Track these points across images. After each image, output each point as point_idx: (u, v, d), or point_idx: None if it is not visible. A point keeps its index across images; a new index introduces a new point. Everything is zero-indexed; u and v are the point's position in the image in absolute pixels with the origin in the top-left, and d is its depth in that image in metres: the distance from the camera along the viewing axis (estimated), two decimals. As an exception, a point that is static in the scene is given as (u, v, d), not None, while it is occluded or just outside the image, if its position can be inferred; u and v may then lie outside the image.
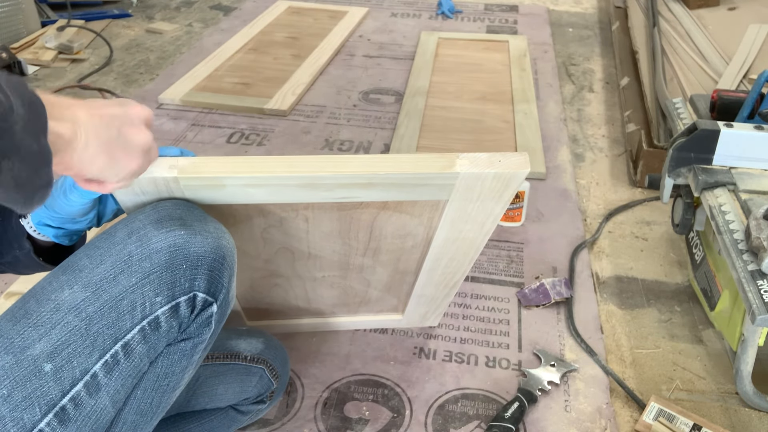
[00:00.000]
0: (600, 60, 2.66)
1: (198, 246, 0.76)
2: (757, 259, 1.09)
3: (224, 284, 0.79)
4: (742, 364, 1.15)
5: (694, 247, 1.40)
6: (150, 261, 0.74)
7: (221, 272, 0.78)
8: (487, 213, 0.91)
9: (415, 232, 0.99)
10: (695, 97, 1.51)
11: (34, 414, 0.70)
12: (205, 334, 0.81)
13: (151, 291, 0.74)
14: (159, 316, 0.75)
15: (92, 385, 0.73)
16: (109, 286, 0.73)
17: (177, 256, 0.74)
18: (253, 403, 1.07)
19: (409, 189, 0.85)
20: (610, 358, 1.30)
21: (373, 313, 1.29)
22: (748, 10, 2.60)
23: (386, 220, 0.95)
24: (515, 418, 1.13)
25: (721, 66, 2.15)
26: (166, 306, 0.75)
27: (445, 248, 1.02)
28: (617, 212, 1.73)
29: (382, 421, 1.15)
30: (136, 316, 0.74)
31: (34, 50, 2.60)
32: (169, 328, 0.76)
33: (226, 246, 0.79)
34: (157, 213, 0.77)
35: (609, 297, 1.45)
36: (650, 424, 1.13)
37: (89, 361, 0.72)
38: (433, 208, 0.92)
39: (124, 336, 0.74)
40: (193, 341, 0.80)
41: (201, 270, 0.76)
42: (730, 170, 1.29)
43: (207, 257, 0.76)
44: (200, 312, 0.78)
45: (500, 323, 1.37)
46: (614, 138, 2.10)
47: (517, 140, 1.98)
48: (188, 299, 0.76)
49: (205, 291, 0.77)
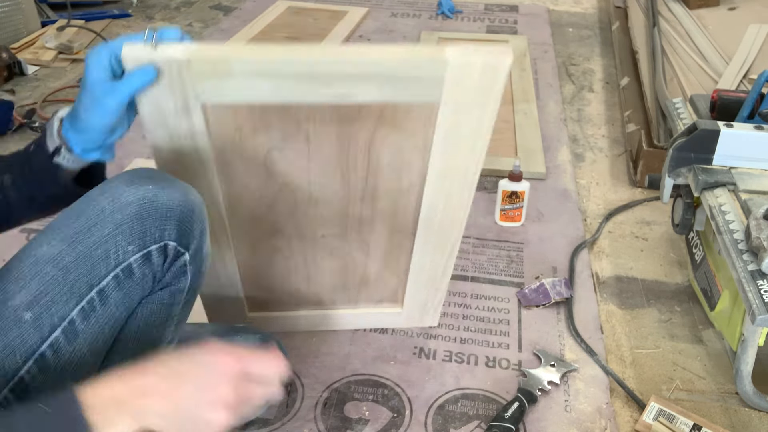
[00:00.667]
0: (600, 60, 2.66)
1: (166, 199, 0.80)
2: (757, 259, 1.09)
3: (195, 235, 0.83)
4: (742, 364, 1.15)
5: (694, 247, 1.40)
6: (121, 213, 0.77)
7: (191, 223, 0.83)
8: (477, 123, 0.94)
9: (411, 161, 1.01)
10: (695, 97, 1.51)
11: (14, 361, 0.73)
12: (181, 283, 0.85)
13: (123, 240, 0.78)
14: (132, 263, 0.79)
15: (70, 332, 0.76)
16: (84, 237, 0.77)
17: (146, 207, 0.78)
18: None
19: (403, 83, 0.88)
20: (610, 358, 1.30)
21: (373, 303, 1.29)
22: (748, 10, 2.60)
23: (383, 141, 0.98)
24: (515, 418, 1.13)
25: (721, 66, 2.15)
26: (138, 254, 0.79)
27: (438, 189, 1.04)
28: (617, 212, 1.73)
29: (382, 421, 1.15)
30: (110, 264, 0.78)
31: (34, 50, 2.60)
32: (143, 275, 0.80)
33: (194, 200, 0.84)
34: (128, 175, 0.82)
35: (609, 297, 1.46)
36: (650, 424, 1.13)
37: (67, 308, 0.76)
38: (426, 122, 0.95)
39: (99, 282, 0.78)
40: (170, 290, 0.85)
41: (171, 221, 0.80)
42: (730, 170, 1.29)
43: (175, 209, 0.80)
44: (173, 261, 0.82)
45: (500, 323, 1.37)
46: (614, 138, 2.10)
47: (517, 140, 1.98)
48: (159, 248, 0.80)
49: (176, 240, 0.81)
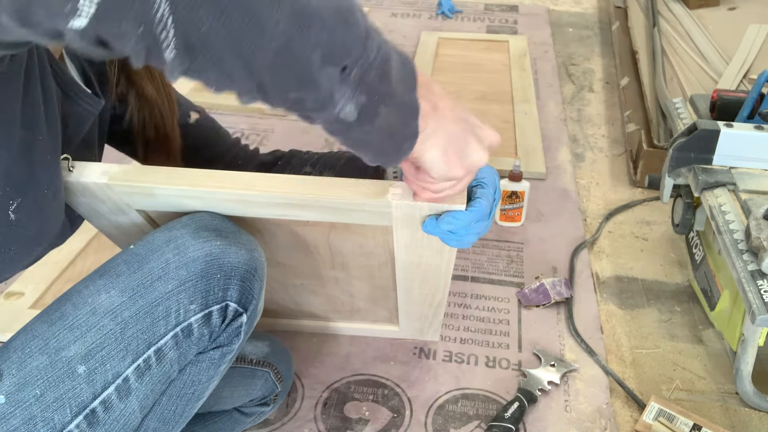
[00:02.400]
0: (600, 60, 2.66)
1: (232, 257, 0.77)
2: (757, 259, 1.09)
3: (255, 295, 0.81)
4: (742, 364, 1.15)
5: (694, 247, 1.40)
6: (186, 269, 0.75)
7: (252, 283, 0.80)
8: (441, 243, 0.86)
9: (376, 252, 0.96)
10: (695, 97, 1.51)
11: (64, 415, 0.71)
12: (234, 344, 0.82)
13: (186, 298, 0.75)
14: (192, 323, 0.76)
15: (123, 389, 0.74)
16: (146, 291, 0.74)
17: (212, 265, 0.76)
18: (256, 405, 1.07)
19: (345, 213, 0.83)
20: (610, 358, 1.30)
21: (368, 322, 1.28)
22: (748, 10, 2.60)
23: (340, 239, 0.93)
24: (515, 418, 1.13)
25: (721, 66, 2.15)
26: (199, 314, 0.76)
27: (411, 272, 0.98)
28: (617, 212, 1.73)
29: (382, 421, 1.15)
30: (170, 323, 0.75)
31: (34, 50, 2.60)
32: (201, 335, 0.77)
33: (258, 258, 0.81)
34: (194, 223, 0.79)
35: (609, 297, 1.45)
36: (650, 424, 1.13)
37: (122, 365, 0.73)
38: (384, 231, 0.89)
39: (158, 341, 0.75)
40: (222, 350, 0.81)
41: (234, 280, 0.77)
42: (730, 170, 1.29)
43: (240, 268, 0.78)
44: (231, 321, 0.79)
45: (500, 323, 1.37)
46: (614, 138, 2.10)
47: (517, 140, 1.98)
48: (221, 308, 0.77)
49: (237, 301, 0.78)
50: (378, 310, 1.21)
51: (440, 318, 1.20)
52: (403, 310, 1.17)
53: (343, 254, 0.98)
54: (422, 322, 1.22)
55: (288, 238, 0.94)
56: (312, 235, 0.93)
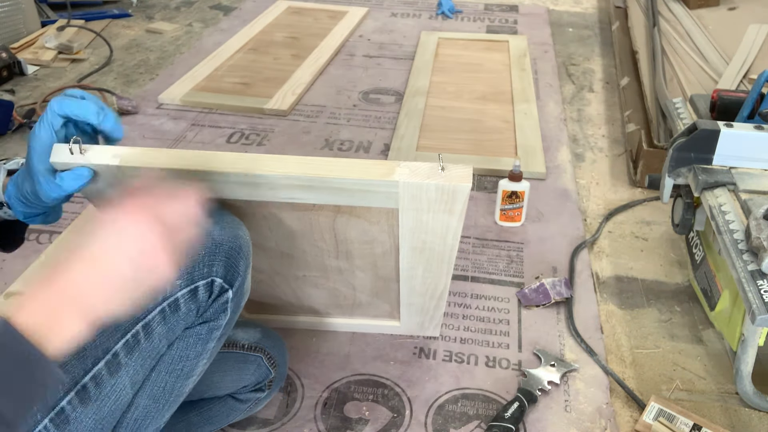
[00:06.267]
0: (600, 60, 2.66)
1: (216, 234, 0.79)
2: (757, 259, 1.09)
3: (240, 272, 0.82)
4: (742, 364, 1.15)
5: (694, 247, 1.40)
6: None
7: (237, 260, 0.81)
8: (445, 226, 0.87)
9: (380, 239, 0.97)
10: (695, 97, 1.51)
11: (56, 391, 0.72)
12: (221, 320, 0.84)
13: None
14: (179, 298, 0.78)
15: (113, 364, 0.75)
16: None
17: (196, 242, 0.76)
18: (251, 392, 1.07)
19: (352, 194, 0.83)
20: (610, 358, 1.30)
21: (369, 317, 1.28)
22: (748, 10, 2.60)
23: (346, 224, 0.94)
24: (515, 418, 1.13)
25: (721, 66, 2.15)
26: (185, 289, 0.78)
27: (414, 258, 0.99)
28: (617, 212, 1.73)
29: (382, 421, 1.15)
30: (157, 298, 0.76)
31: (34, 50, 2.60)
32: (188, 310, 0.79)
33: (242, 236, 0.83)
34: None
35: (609, 297, 1.45)
36: (650, 424, 1.13)
37: (111, 341, 0.75)
38: (389, 215, 0.90)
39: (146, 316, 0.77)
40: (209, 325, 0.83)
41: (219, 257, 0.79)
42: (730, 170, 1.29)
43: (224, 245, 0.80)
44: (217, 297, 0.81)
45: (500, 323, 1.37)
46: (614, 138, 2.10)
47: (517, 140, 1.98)
48: (206, 284, 0.79)
49: (222, 277, 0.80)
50: (380, 303, 1.21)
51: (441, 312, 1.20)
52: (405, 303, 1.17)
53: (347, 242, 0.98)
54: (423, 315, 1.23)
55: (294, 224, 0.95)
56: (318, 221, 0.93)
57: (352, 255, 1.02)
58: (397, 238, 0.95)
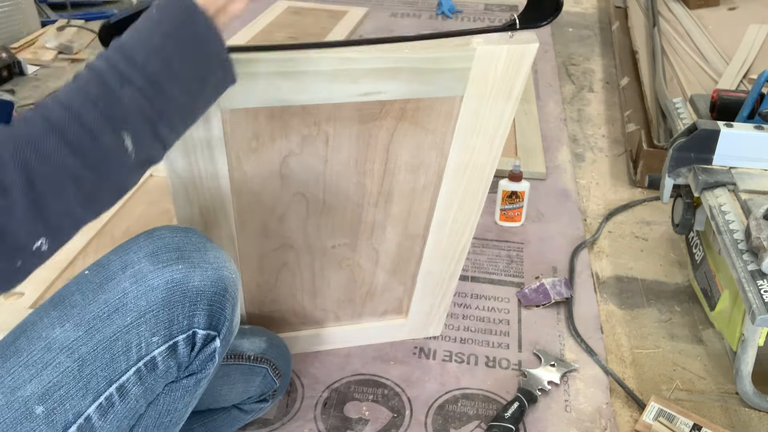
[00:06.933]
0: (600, 60, 2.66)
1: (197, 281, 0.73)
2: (757, 259, 1.09)
3: (227, 316, 0.77)
4: (742, 364, 1.15)
5: (694, 247, 1.40)
6: (146, 299, 0.71)
7: (223, 305, 0.76)
8: (498, 118, 0.95)
9: (428, 160, 1.01)
10: (695, 97, 1.51)
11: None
12: (208, 369, 0.79)
13: (147, 331, 0.71)
14: (156, 356, 0.73)
15: (86, 429, 0.70)
16: (103, 325, 0.70)
17: (175, 292, 0.72)
18: (255, 402, 1.07)
19: (430, 77, 0.89)
20: (610, 358, 1.30)
21: (377, 316, 1.27)
22: (748, 10, 2.60)
23: (402, 139, 0.98)
24: (515, 418, 1.13)
25: (721, 66, 2.15)
26: (162, 346, 0.72)
27: (455, 181, 1.03)
28: (617, 212, 1.73)
29: (382, 421, 1.15)
30: (131, 358, 0.71)
31: (34, 50, 2.60)
32: (167, 368, 0.74)
33: (227, 276, 0.76)
34: (152, 244, 0.74)
35: (609, 297, 1.45)
36: (650, 424, 1.13)
37: (83, 404, 0.69)
38: (447, 118, 0.95)
39: (119, 378, 0.71)
40: (196, 377, 0.79)
41: (200, 305, 0.73)
42: (730, 170, 1.29)
43: (207, 291, 0.74)
44: (202, 348, 0.76)
45: (500, 323, 1.37)
46: (614, 138, 2.10)
47: (517, 140, 1.98)
48: (187, 337, 0.74)
49: (206, 327, 0.75)
50: (395, 285, 1.21)
51: (451, 292, 1.22)
52: (422, 274, 1.18)
53: (395, 170, 1.02)
54: (435, 295, 1.23)
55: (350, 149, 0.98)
56: (377, 135, 0.97)
57: (392, 198, 1.05)
58: (445, 154, 1.00)
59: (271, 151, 0.94)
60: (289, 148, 0.95)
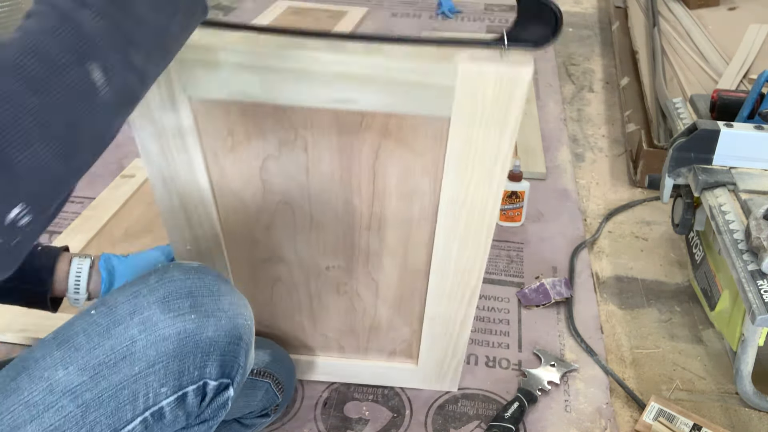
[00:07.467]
0: (600, 60, 2.66)
1: (211, 331, 0.71)
2: (757, 259, 1.09)
3: (241, 363, 0.75)
4: (742, 364, 1.15)
5: (694, 247, 1.40)
6: (156, 349, 0.68)
7: (237, 353, 0.74)
8: (495, 148, 0.84)
9: (420, 188, 0.93)
10: (695, 97, 1.51)
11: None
12: (220, 416, 0.76)
13: (155, 381, 0.69)
14: (164, 407, 0.70)
15: None
16: (109, 372, 0.68)
17: (187, 344, 0.69)
18: (257, 417, 1.04)
19: (409, 90, 0.80)
20: (610, 358, 1.30)
21: (385, 355, 1.19)
22: (748, 10, 2.60)
23: (388, 159, 0.89)
24: (515, 418, 1.13)
25: (721, 66, 2.16)
26: (171, 397, 0.70)
27: (454, 217, 0.94)
28: (617, 212, 1.73)
29: (382, 421, 1.15)
30: (137, 407, 0.69)
31: (34, 50, 2.60)
32: (175, 418, 0.72)
33: (242, 324, 0.74)
34: (163, 288, 0.71)
35: (609, 297, 1.46)
36: (650, 424, 1.13)
37: None
38: (436, 140, 0.86)
39: (124, 427, 0.68)
40: (208, 424, 0.76)
41: (213, 356, 0.71)
42: (730, 170, 1.29)
43: (221, 342, 0.71)
44: (214, 398, 0.74)
45: (500, 323, 1.37)
46: (614, 138, 2.10)
47: (517, 140, 1.98)
48: (197, 388, 0.72)
49: (218, 377, 0.73)
50: (400, 326, 1.13)
51: (464, 346, 1.12)
52: (429, 317, 1.09)
53: (384, 195, 0.94)
54: (445, 345, 1.13)
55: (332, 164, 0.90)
56: (359, 152, 0.89)
57: (385, 224, 0.98)
58: (440, 181, 0.91)
59: (248, 151, 0.89)
60: (267, 151, 0.89)
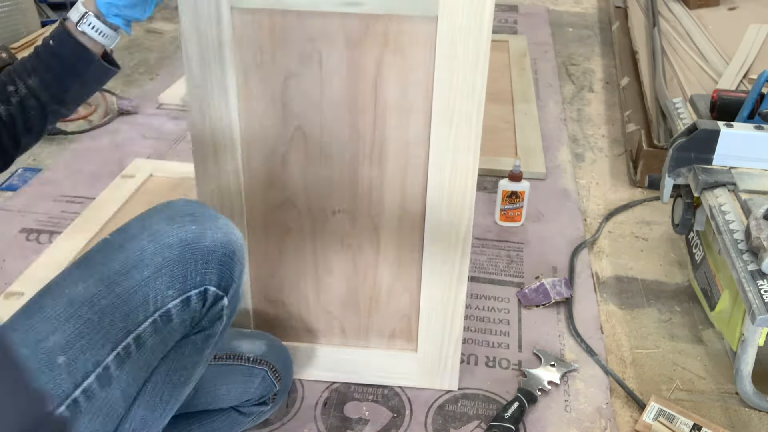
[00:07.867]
0: (600, 60, 2.66)
1: (209, 241, 0.78)
2: (757, 259, 1.09)
3: (234, 278, 0.82)
4: (742, 364, 1.15)
5: (694, 247, 1.40)
6: (162, 255, 0.76)
7: (232, 267, 0.81)
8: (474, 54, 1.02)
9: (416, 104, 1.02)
10: (695, 97, 1.51)
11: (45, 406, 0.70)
12: (216, 327, 0.83)
13: (162, 285, 0.76)
14: (171, 309, 0.77)
15: (104, 378, 0.74)
16: (122, 279, 0.75)
17: (188, 250, 0.77)
18: (255, 405, 1.06)
19: None
20: (610, 358, 1.30)
21: (385, 337, 1.19)
22: (748, 10, 2.60)
23: (388, 73, 1.00)
24: (515, 418, 1.13)
25: (721, 66, 2.16)
26: (177, 299, 0.77)
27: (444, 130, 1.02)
28: (617, 212, 1.73)
29: (382, 421, 1.15)
30: (148, 309, 0.75)
31: (34, 50, 2.60)
32: (181, 321, 0.79)
33: (235, 241, 0.81)
34: (169, 210, 0.80)
35: (609, 297, 1.46)
36: (650, 424, 1.13)
37: (102, 353, 0.74)
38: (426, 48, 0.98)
39: (137, 328, 0.75)
40: (205, 334, 0.83)
41: (212, 264, 0.78)
42: (730, 170, 1.29)
43: (217, 251, 0.79)
44: (212, 306, 0.81)
45: (500, 323, 1.37)
46: (614, 138, 2.10)
47: (517, 140, 1.98)
48: (199, 293, 0.79)
49: (216, 285, 0.80)
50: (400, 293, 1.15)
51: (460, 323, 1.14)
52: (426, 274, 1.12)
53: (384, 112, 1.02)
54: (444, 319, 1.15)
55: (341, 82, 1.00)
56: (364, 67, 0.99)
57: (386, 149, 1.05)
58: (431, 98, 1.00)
59: (273, 67, 0.99)
60: (289, 67, 0.99)
